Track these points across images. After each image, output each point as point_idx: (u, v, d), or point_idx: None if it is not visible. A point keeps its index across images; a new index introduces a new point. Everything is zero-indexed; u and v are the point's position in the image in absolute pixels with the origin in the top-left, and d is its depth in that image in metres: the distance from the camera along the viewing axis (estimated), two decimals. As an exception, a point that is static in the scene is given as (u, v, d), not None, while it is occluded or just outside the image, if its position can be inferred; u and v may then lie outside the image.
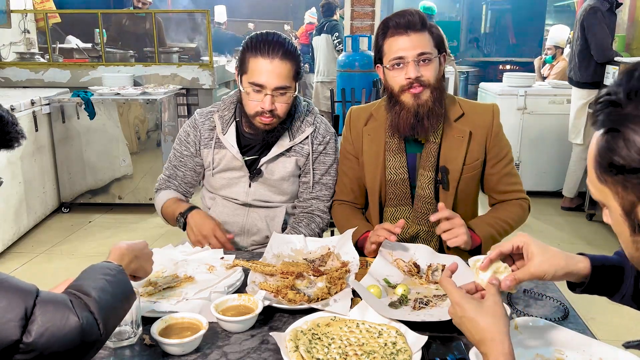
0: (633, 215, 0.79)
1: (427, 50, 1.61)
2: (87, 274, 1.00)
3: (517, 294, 1.43)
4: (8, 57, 5.20)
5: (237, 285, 1.42)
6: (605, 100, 0.78)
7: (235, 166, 1.83)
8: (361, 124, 1.80)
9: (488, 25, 11.52)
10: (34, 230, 4.03)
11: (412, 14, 1.61)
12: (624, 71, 0.79)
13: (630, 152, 0.74)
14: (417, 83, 1.61)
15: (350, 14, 5.85)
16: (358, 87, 5.09)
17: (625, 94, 0.75)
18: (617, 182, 0.78)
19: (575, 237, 4.04)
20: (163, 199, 1.91)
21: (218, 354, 1.15)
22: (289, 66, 1.66)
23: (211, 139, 1.85)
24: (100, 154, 4.25)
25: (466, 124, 1.71)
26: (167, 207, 1.87)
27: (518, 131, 4.67)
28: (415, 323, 1.22)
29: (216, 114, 1.85)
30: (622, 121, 0.75)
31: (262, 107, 1.67)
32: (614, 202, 0.81)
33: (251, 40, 1.69)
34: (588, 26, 4.16)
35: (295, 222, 1.85)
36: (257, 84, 1.65)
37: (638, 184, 0.75)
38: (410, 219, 1.75)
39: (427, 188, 1.71)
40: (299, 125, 1.83)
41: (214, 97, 4.82)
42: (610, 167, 0.77)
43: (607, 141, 0.77)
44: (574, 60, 4.38)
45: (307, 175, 1.86)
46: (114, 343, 1.17)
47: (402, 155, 1.73)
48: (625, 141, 0.74)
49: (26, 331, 0.84)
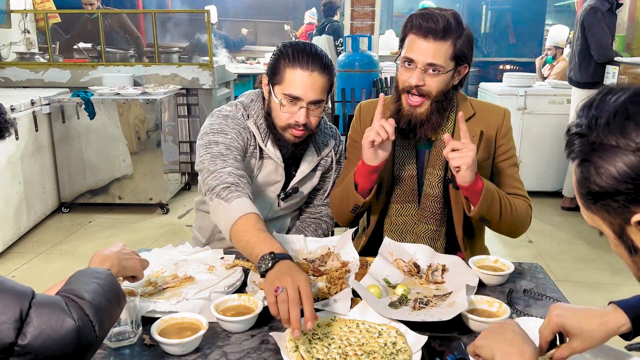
0: (625, 238, 0.82)
1: (440, 62, 1.55)
2: (76, 278, 1.00)
3: (517, 294, 1.44)
4: (8, 57, 5.20)
5: (237, 285, 1.42)
6: (573, 132, 0.83)
7: (272, 181, 1.74)
8: (371, 116, 1.74)
9: (488, 25, 11.52)
10: (34, 230, 4.03)
11: (437, 20, 1.52)
12: (585, 103, 0.83)
13: (602, 178, 0.78)
14: (417, 92, 1.58)
15: (350, 14, 5.86)
16: (358, 87, 5.10)
17: (587, 125, 0.80)
18: (601, 209, 0.82)
19: (575, 237, 4.04)
20: (237, 211, 1.43)
21: (218, 354, 1.15)
22: (325, 80, 1.60)
23: (255, 147, 1.70)
24: (100, 154, 4.25)
25: (477, 124, 1.69)
26: (241, 230, 1.41)
27: (518, 131, 4.67)
28: (415, 323, 1.22)
29: (249, 121, 1.70)
30: (590, 151, 0.79)
31: (297, 120, 1.60)
32: (605, 228, 0.84)
33: (287, 49, 1.61)
34: (588, 26, 4.16)
35: (302, 226, 1.85)
36: (294, 96, 1.58)
37: (618, 207, 0.78)
38: (416, 217, 1.74)
39: (436, 187, 1.69)
40: (322, 138, 1.81)
41: (214, 97, 4.82)
42: (590, 196, 0.82)
43: (581, 171, 0.82)
44: (574, 60, 4.38)
45: (324, 186, 1.86)
46: (114, 343, 1.17)
47: (411, 152, 1.72)
48: (596, 169, 0.78)
49: (21, 333, 0.84)
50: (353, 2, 5.80)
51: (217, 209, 1.49)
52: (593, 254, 3.74)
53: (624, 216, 0.79)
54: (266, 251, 1.28)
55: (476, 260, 1.52)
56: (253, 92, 1.78)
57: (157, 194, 4.35)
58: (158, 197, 4.36)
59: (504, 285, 1.48)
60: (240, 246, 1.41)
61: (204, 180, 1.57)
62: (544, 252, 3.75)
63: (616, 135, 0.76)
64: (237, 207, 1.44)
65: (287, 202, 1.80)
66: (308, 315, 1.12)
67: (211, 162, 1.57)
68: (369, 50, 5.55)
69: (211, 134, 1.63)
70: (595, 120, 0.79)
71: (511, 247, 3.73)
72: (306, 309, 1.13)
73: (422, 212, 1.73)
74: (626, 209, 0.78)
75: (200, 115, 4.81)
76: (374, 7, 5.80)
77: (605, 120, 0.77)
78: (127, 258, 1.24)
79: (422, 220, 1.73)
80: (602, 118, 0.78)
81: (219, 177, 1.52)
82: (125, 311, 1.16)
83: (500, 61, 9.91)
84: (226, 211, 1.45)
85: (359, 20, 5.85)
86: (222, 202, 1.47)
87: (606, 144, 0.77)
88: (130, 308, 1.17)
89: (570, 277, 3.41)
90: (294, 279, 1.17)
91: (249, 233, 1.38)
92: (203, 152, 1.61)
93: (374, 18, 5.83)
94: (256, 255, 1.30)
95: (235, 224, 1.41)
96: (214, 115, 1.71)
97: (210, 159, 1.58)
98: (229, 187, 1.50)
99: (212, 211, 1.53)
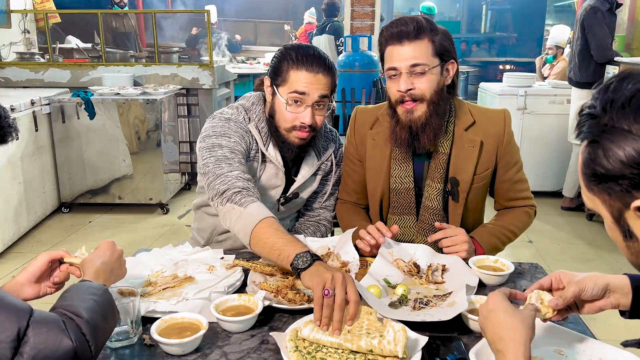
0: (622, 222, 0.83)
1: (422, 61, 1.54)
2: (74, 294, 0.99)
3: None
4: (8, 57, 5.20)
5: (237, 285, 1.42)
6: (585, 113, 0.83)
7: (272, 185, 1.72)
8: (366, 128, 1.76)
9: (488, 25, 11.53)
10: (34, 230, 4.03)
11: (406, 23, 1.53)
12: (601, 86, 0.83)
13: (609, 161, 0.78)
14: (409, 97, 1.57)
15: (350, 14, 5.86)
16: (358, 87, 5.10)
17: (602, 107, 0.80)
18: (603, 191, 0.82)
19: (575, 237, 4.04)
20: (257, 215, 1.43)
21: (218, 354, 1.15)
22: (329, 80, 1.60)
23: (256, 151, 1.69)
24: (100, 154, 4.25)
25: (477, 133, 1.66)
26: (266, 233, 1.39)
27: (518, 131, 4.67)
28: (415, 323, 1.22)
29: (251, 125, 1.68)
30: (600, 132, 0.80)
31: (303, 121, 1.59)
32: (604, 210, 0.85)
33: (289, 52, 1.61)
34: (588, 26, 4.16)
35: (301, 229, 1.84)
36: (301, 92, 1.57)
37: (620, 191, 0.79)
38: (414, 229, 1.73)
39: (435, 199, 1.68)
40: (322, 142, 1.80)
41: (214, 97, 4.82)
42: (594, 177, 0.82)
43: (589, 152, 0.82)
44: (573, 60, 4.39)
45: (323, 189, 1.86)
46: (113, 343, 1.17)
47: (408, 164, 1.70)
48: (604, 151, 0.79)
49: (18, 353, 0.83)
50: (353, 2, 5.80)
51: (231, 214, 1.46)
52: (593, 254, 3.74)
53: (625, 200, 0.79)
54: (299, 250, 1.29)
55: (476, 260, 1.52)
56: (254, 95, 1.77)
57: (157, 194, 4.35)
58: (158, 197, 4.36)
59: (504, 285, 1.48)
60: (265, 249, 1.39)
61: (210, 184, 1.54)
62: (544, 252, 3.76)
63: (629, 120, 0.76)
64: (255, 211, 1.44)
65: (286, 207, 1.79)
66: (352, 313, 1.17)
67: (216, 166, 1.54)
68: (369, 50, 5.55)
69: (214, 137, 1.61)
70: (611, 103, 0.78)
71: (511, 247, 3.69)
72: (351, 310, 1.17)
73: (420, 224, 1.73)
74: (627, 194, 0.78)
75: (200, 115, 4.81)
76: (374, 7, 5.80)
77: (621, 104, 0.77)
78: (119, 267, 1.24)
79: (420, 232, 1.73)
80: (617, 101, 0.78)
81: (227, 181, 1.50)
82: (125, 311, 1.16)
83: (500, 61, 9.93)
84: (243, 216, 1.44)
85: (359, 20, 5.85)
86: (236, 207, 1.46)
87: (618, 127, 0.77)
88: (130, 308, 1.17)
89: (570, 277, 3.41)
90: (341, 280, 1.19)
91: (275, 235, 1.38)
92: (207, 155, 1.58)
93: (374, 18, 5.83)
94: (287, 255, 1.31)
95: (257, 227, 1.40)
96: (215, 118, 1.69)
97: (215, 162, 1.55)
98: (241, 191, 1.48)
99: (223, 216, 1.51)
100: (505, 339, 0.95)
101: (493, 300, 1.02)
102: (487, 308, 1.02)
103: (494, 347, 0.98)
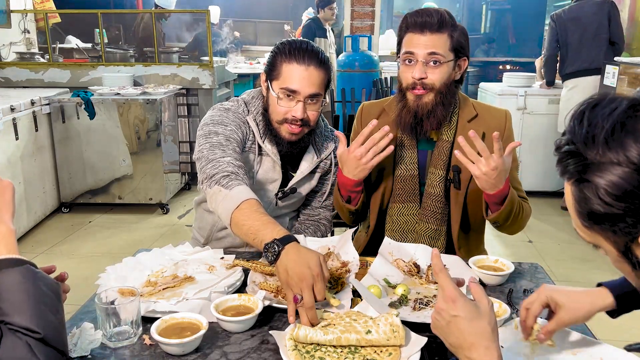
0: (630, 254, 0.79)
1: (439, 52, 1.60)
2: (11, 303, 0.89)
3: (516, 294, 1.44)
4: (8, 57, 5.20)
5: (237, 285, 1.42)
6: (565, 151, 0.78)
7: (269, 179, 1.74)
8: (373, 117, 1.77)
9: (488, 25, 11.53)
10: (34, 230, 4.03)
11: (431, 15, 1.60)
12: (573, 116, 0.79)
13: (606, 199, 0.74)
14: (421, 85, 1.62)
15: (350, 14, 5.86)
16: (358, 87, 5.10)
17: (583, 142, 0.75)
18: (606, 229, 0.78)
19: (575, 237, 4.00)
20: (240, 197, 1.42)
21: (218, 354, 1.15)
22: (322, 74, 1.62)
23: (253, 142, 1.71)
24: (100, 154, 4.25)
25: (479, 126, 1.70)
26: (244, 215, 1.39)
27: (518, 131, 4.67)
28: (415, 323, 1.22)
29: (249, 117, 1.71)
30: (588, 171, 0.75)
31: (294, 115, 1.61)
32: (608, 246, 0.81)
33: (284, 46, 1.63)
34: (614, 16, 4.36)
35: (301, 228, 1.85)
36: (291, 90, 1.59)
37: (626, 227, 0.75)
38: (417, 217, 1.75)
39: (438, 186, 1.71)
40: (322, 140, 1.81)
41: (214, 97, 4.82)
42: (591, 217, 0.77)
43: (580, 191, 0.77)
44: (583, 48, 4.45)
45: (322, 188, 1.86)
46: (114, 343, 1.17)
47: (413, 152, 1.74)
48: (597, 190, 0.74)
49: None
50: (353, 2, 5.80)
51: (217, 196, 1.47)
52: (593, 254, 3.73)
53: (631, 236, 0.75)
54: (268, 238, 1.28)
55: (476, 260, 1.52)
56: (254, 90, 1.80)
57: (157, 194, 4.35)
58: (158, 197, 4.36)
59: (504, 285, 1.48)
60: (242, 231, 1.38)
61: (202, 169, 1.56)
62: (544, 252, 3.75)
63: (617, 153, 0.72)
64: (238, 193, 1.44)
65: (284, 202, 1.80)
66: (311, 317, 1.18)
67: (210, 151, 1.57)
68: (369, 50, 5.55)
69: (211, 125, 1.64)
70: (592, 139, 0.74)
71: (511, 247, 3.73)
72: (318, 296, 1.20)
73: (423, 212, 1.74)
74: (634, 229, 0.74)
75: (200, 115, 4.81)
76: (374, 7, 5.80)
77: (604, 139, 0.73)
78: None
79: (423, 220, 1.74)
80: (599, 136, 0.74)
81: (218, 165, 1.52)
82: (125, 311, 1.16)
83: (500, 61, 9.92)
84: (227, 198, 1.44)
85: (359, 20, 5.86)
86: (222, 189, 1.46)
87: (605, 162, 0.73)
88: (130, 308, 1.17)
89: (570, 277, 3.41)
90: (310, 283, 1.19)
91: (251, 218, 1.37)
92: (202, 142, 1.61)
93: (374, 18, 5.84)
94: (260, 240, 1.30)
95: (237, 208, 1.40)
96: (215, 109, 1.73)
97: (210, 148, 1.58)
98: (229, 175, 1.50)
99: (210, 198, 1.51)
100: (476, 345, 0.90)
101: (455, 303, 0.93)
102: (447, 312, 0.94)
103: (462, 354, 0.93)
